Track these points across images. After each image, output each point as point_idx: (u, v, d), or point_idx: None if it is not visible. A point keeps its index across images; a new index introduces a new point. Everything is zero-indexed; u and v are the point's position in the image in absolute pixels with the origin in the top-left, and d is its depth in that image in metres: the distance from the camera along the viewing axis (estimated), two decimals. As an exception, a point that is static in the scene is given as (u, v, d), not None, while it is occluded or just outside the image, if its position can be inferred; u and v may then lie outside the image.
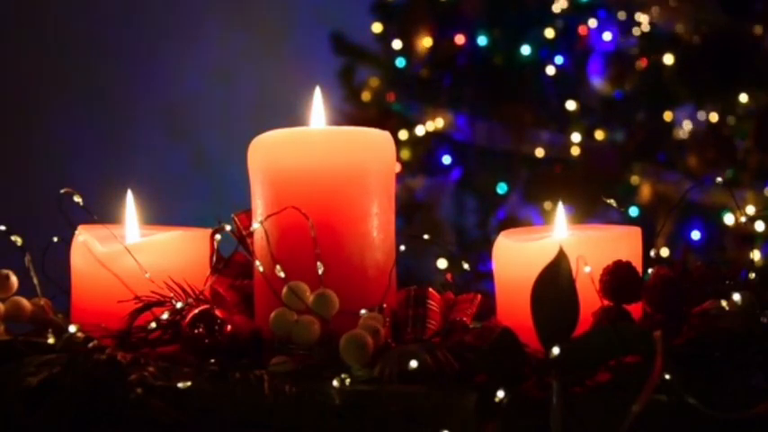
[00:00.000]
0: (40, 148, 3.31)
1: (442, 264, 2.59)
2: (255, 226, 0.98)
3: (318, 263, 0.92)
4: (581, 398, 0.82)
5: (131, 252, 1.00)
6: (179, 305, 0.95)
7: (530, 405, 0.81)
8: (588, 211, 2.44)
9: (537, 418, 0.80)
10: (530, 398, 0.81)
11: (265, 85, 3.42)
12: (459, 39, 2.96)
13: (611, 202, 1.08)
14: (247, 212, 1.02)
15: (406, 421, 0.84)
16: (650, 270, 0.96)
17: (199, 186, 3.38)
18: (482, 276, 1.17)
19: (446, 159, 3.00)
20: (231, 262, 1.04)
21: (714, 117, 2.72)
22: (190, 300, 0.97)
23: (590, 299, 0.89)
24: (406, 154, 2.98)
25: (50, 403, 0.87)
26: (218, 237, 1.02)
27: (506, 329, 0.82)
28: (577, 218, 1.02)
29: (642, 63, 2.81)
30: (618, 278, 0.92)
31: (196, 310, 0.94)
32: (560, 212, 1.00)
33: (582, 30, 2.85)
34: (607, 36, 2.81)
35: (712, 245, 2.73)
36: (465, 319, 0.98)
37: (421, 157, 3.01)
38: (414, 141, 2.99)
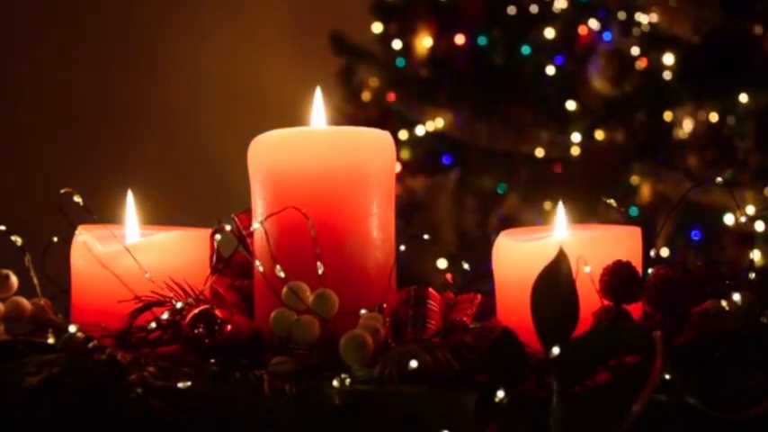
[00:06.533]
0: (41, 148, 3.31)
1: (442, 264, 2.59)
2: (255, 226, 0.98)
3: (318, 263, 0.92)
4: (581, 398, 0.82)
5: (131, 252, 1.00)
6: (179, 305, 0.95)
7: (530, 405, 0.81)
8: (588, 211, 2.44)
9: (537, 418, 0.80)
10: (530, 398, 0.81)
11: (265, 85, 3.42)
12: (460, 39, 2.96)
13: (611, 202, 1.08)
14: (247, 212, 1.02)
15: (406, 421, 0.84)
16: (650, 270, 0.96)
17: (199, 186, 3.38)
18: (482, 276, 1.17)
19: (446, 159, 3.00)
20: (231, 262, 1.04)
21: (714, 117, 2.72)
22: (190, 300, 0.97)
23: (590, 299, 0.89)
24: (406, 154, 2.98)
25: (50, 403, 0.87)
26: (218, 237, 1.02)
27: (506, 329, 0.82)
28: (577, 218, 1.02)
29: (642, 63, 2.81)
30: (618, 278, 0.92)
31: (196, 310, 0.94)
32: (560, 212, 1.00)
33: (582, 30, 2.86)
34: (607, 36, 2.81)
35: (712, 245, 2.73)
36: (465, 319, 0.98)
37: (421, 157, 3.01)
38: (414, 141, 2.99)
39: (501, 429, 0.80)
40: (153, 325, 0.94)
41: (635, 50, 2.80)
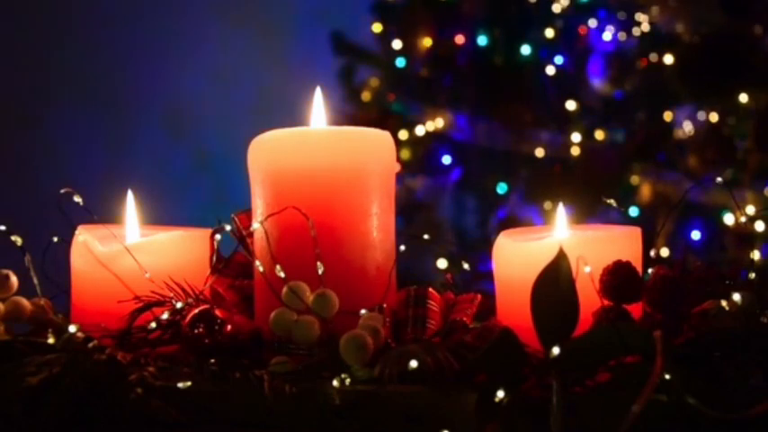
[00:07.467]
0: (41, 148, 3.31)
1: (442, 264, 2.59)
2: (255, 226, 0.98)
3: (318, 263, 0.92)
4: (581, 398, 0.82)
5: (131, 252, 1.00)
6: (179, 305, 0.95)
7: (530, 405, 0.81)
8: (588, 211, 2.44)
9: (537, 418, 0.80)
10: (530, 398, 0.81)
11: (265, 85, 3.42)
12: (459, 39, 2.96)
13: (611, 202, 1.08)
14: (247, 212, 1.02)
15: (406, 421, 0.84)
16: (650, 270, 0.96)
17: (199, 186, 3.38)
18: (482, 276, 1.17)
19: (446, 159, 3.00)
20: (231, 262, 1.04)
21: (714, 117, 2.72)
22: (190, 300, 0.97)
23: (590, 299, 0.89)
24: (406, 154, 2.98)
25: (50, 403, 0.87)
26: (218, 237, 1.02)
27: (506, 329, 0.82)
28: (577, 218, 1.02)
29: (642, 63, 2.81)
30: (618, 278, 0.92)
31: (196, 310, 0.94)
32: (560, 212, 1.00)
33: (582, 30, 2.86)
34: (607, 36, 2.81)
35: (712, 245, 2.73)
36: (465, 319, 0.98)
37: (421, 157, 3.01)
38: (414, 141, 2.99)
39: (501, 429, 0.80)
40: (153, 325, 0.94)
41: (635, 50, 2.80)
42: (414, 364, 0.84)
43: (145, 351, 0.93)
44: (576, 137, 2.82)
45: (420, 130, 2.97)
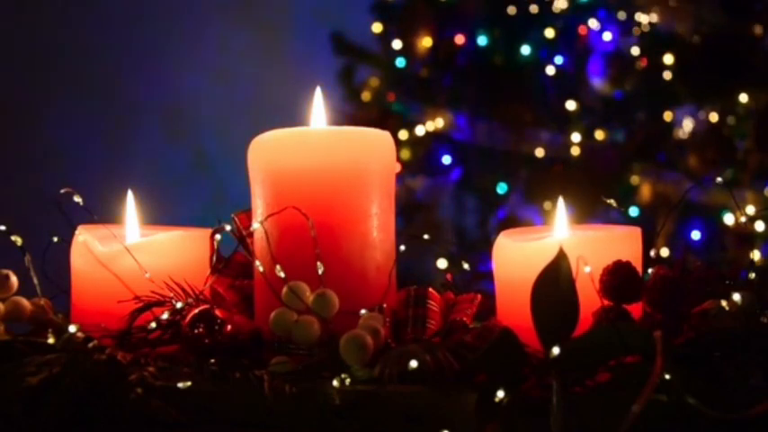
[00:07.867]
0: (40, 148, 3.31)
1: (442, 264, 2.59)
2: (255, 226, 0.98)
3: (318, 263, 0.92)
4: (581, 398, 0.82)
5: (131, 252, 1.00)
6: (179, 305, 0.95)
7: (530, 405, 0.81)
8: (588, 211, 2.44)
9: (537, 418, 0.80)
10: (530, 398, 0.81)
11: (265, 85, 3.42)
12: (459, 39, 2.96)
13: (611, 202, 1.08)
14: (247, 212, 1.02)
15: (406, 421, 0.84)
16: (650, 270, 0.96)
17: (199, 186, 3.38)
18: (482, 276, 1.17)
19: (446, 159, 3.00)
20: (231, 262, 1.04)
21: (714, 117, 2.72)
22: (190, 300, 0.97)
23: (590, 299, 0.89)
24: (406, 154, 2.98)
25: (50, 403, 0.87)
26: (218, 237, 1.02)
27: (506, 329, 0.82)
28: (577, 218, 1.02)
29: (642, 63, 2.81)
30: (618, 278, 0.92)
31: (196, 310, 0.94)
32: (560, 210, 1.00)
33: (582, 30, 2.86)
34: (607, 36, 2.81)
35: (712, 245, 2.73)
36: (465, 319, 0.98)
37: (421, 157, 3.01)
38: (414, 141, 2.99)
39: (501, 429, 0.80)
40: (153, 325, 0.94)
41: (635, 50, 2.80)
42: (414, 364, 0.84)
43: (145, 351, 0.93)
44: (575, 137, 2.82)
45: (420, 130, 2.97)
